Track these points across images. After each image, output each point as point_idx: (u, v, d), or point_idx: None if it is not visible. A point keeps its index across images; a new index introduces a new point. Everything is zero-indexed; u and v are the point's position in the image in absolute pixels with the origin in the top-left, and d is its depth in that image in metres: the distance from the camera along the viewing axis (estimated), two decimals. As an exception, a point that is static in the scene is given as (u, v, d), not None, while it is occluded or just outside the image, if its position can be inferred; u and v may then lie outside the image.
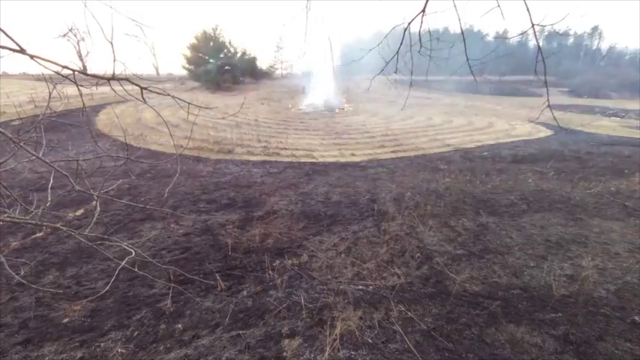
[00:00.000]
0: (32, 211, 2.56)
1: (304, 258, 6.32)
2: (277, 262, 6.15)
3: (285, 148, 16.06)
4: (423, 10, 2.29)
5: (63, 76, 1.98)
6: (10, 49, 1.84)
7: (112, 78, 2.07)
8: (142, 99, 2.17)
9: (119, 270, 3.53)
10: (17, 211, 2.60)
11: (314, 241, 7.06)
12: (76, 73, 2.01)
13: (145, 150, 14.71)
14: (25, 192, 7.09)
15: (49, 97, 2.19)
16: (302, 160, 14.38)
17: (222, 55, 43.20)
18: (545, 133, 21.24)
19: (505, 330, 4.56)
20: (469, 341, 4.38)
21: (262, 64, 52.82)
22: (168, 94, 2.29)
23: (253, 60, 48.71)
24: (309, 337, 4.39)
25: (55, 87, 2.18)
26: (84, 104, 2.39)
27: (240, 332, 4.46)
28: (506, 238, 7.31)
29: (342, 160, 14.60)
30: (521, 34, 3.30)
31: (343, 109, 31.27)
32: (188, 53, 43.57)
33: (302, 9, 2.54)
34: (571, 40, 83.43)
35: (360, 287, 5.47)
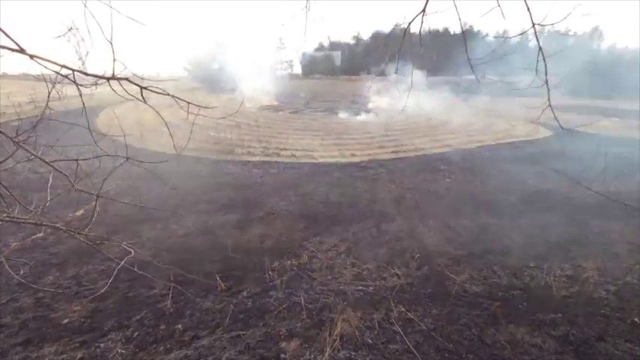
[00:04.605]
0: (32, 211, 2.56)
1: (304, 258, 6.32)
2: (277, 262, 6.15)
3: (285, 149, 16.04)
4: (424, 10, 2.29)
5: (62, 75, 1.98)
6: (10, 49, 1.84)
7: (112, 78, 2.06)
8: (142, 99, 2.17)
9: (119, 270, 3.52)
10: (17, 211, 2.60)
11: (314, 241, 7.05)
12: (75, 72, 2.00)
13: (145, 150, 14.70)
14: (25, 192, 7.08)
15: (49, 96, 2.19)
16: (302, 160, 14.37)
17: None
18: (545, 133, 21.22)
19: (505, 330, 4.56)
20: (469, 342, 4.37)
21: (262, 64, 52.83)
22: (169, 94, 2.28)
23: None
24: (309, 337, 4.38)
25: (54, 87, 2.18)
26: (84, 104, 2.38)
27: (240, 333, 4.46)
28: (506, 238, 7.30)
29: (342, 160, 14.59)
30: (522, 34, 3.30)
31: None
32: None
33: (302, 9, 2.54)
34: (571, 40, 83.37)
35: (360, 288, 5.47)
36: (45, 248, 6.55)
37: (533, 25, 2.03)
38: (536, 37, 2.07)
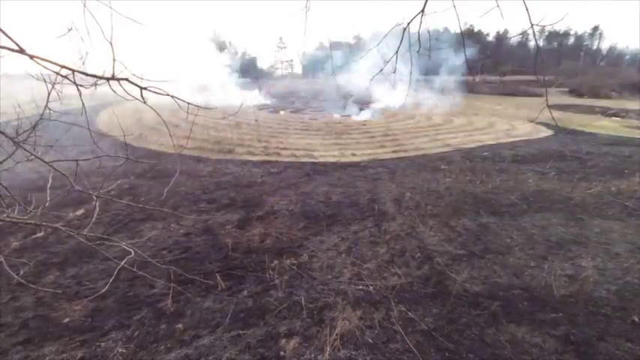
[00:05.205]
0: (32, 211, 2.56)
1: (304, 258, 6.32)
2: (277, 261, 6.15)
3: (286, 148, 16.04)
4: (423, 10, 2.28)
5: (62, 75, 1.98)
6: (10, 49, 1.84)
7: (112, 78, 2.06)
8: (141, 99, 2.17)
9: (119, 270, 3.53)
10: (17, 211, 2.60)
11: (314, 241, 7.06)
12: (75, 72, 2.00)
13: (145, 150, 14.71)
14: (25, 192, 7.10)
15: (48, 96, 2.19)
16: (302, 160, 14.37)
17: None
18: (545, 133, 21.19)
19: (506, 330, 4.56)
20: (470, 341, 4.37)
21: (263, 63, 52.91)
22: (168, 94, 2.28)
23: (253, 60, 48.86)
24: (309, 336, 4.39)
25: (54, 87, 2.18)
26: (83, 104, 2.39)
27: (241, 332, 4.46)
28: (506, 238, 7.30)
29: (343, 160, 14.58)
30: (521, 34, 3.29)
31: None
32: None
33: (301, 9, 2.53)
34: (571, 40, 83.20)
35: (361, 287, 5.47)
36: (45, 248, 6.56)
37: (532, 25, 2.03)
38: (535, 38, 2.07)
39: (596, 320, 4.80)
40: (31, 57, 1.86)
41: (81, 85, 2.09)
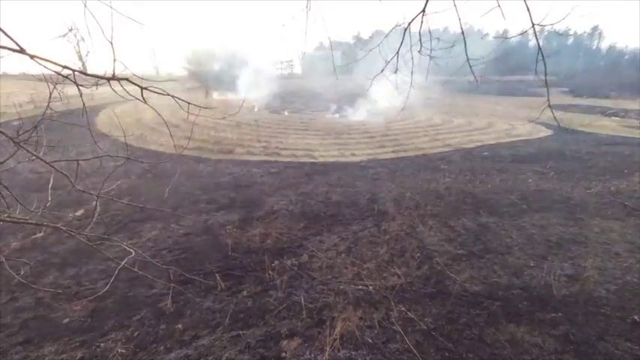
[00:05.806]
0: (32, 212, 2.56)
1: (304, 258, 6.32)
2: (277, 262, 6.15)
3: (285, 148, 16.05)
4: (423, 10, 2.29)
5: (63, 76, 1.98)
6: (10, 49, 1.84)
7: (112, 78, 2.06)
8: (142, 99, 2.17)
9: (119, 270, 3.53)
10: (17, 211, 2.60)
11: (314, 241, 7.06)
12: (75, 73, 2.00)
13: (145, 150, 14.69)
14: (25, 192, 7.10)
15: (49, 97, 2.19)
16: (302, 160, 14.37)
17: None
18: (545, 133, 21.21)
19: (505, 330, 4.56)
20: (469, 341, 4.38)
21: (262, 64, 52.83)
22: (168, 94, 2.28)
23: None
24: (309, 336, 4.39)
25: (55, 87, 2.18)
26: (84, 104, 2.38)
27: (241, 332, 4.46)
28: (506, 238, 7.30)
29: (343, 159, 14.59)
30: (521, 33, 3.29)
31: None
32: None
33: (302, 9, 2.53)
34: (571, 40, 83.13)
35: (361, 287, 5.47)
36: (45, 248, 6.56)
37: (533, 25, 2.03)
38: (536, 38, 2.07)
39: (596, 320, 4.80)
40: (32, 57, 1.86)
41: (81, 85, 2.09)
